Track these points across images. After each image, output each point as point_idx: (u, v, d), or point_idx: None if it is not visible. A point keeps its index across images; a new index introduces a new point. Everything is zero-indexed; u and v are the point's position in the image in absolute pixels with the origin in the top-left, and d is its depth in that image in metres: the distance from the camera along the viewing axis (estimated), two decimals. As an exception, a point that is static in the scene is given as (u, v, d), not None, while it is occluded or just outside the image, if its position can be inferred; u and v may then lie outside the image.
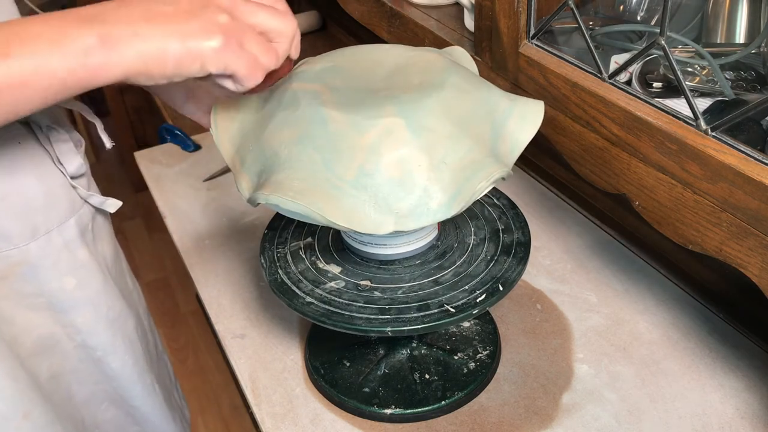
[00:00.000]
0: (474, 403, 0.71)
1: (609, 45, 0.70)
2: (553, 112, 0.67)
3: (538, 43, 0.69)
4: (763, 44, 0.62)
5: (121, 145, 2.47)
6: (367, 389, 0.71)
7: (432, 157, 0.53)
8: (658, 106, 0.57)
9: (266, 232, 0.72)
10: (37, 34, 0.45)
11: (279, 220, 0.74)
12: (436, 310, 0.60)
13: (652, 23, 0.71)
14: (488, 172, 0.54)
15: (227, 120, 0.61)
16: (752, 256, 0.52)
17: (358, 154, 0.53)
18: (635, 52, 0.60)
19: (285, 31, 0.52)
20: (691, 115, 0.54)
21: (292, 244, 0.70)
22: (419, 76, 0.58)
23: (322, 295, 0.63)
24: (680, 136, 0.54)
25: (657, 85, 0.64)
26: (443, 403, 0.69)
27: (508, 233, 0.68)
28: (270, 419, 0.70)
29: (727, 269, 0.63)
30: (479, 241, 0.68)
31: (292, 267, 0.67)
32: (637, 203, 0.61)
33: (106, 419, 0.79)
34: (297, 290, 0.64)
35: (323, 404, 0.72)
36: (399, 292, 0.63)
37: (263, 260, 0.69)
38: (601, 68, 0.62)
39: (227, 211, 1.02)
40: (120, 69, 0.46)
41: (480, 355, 0.74)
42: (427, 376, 0.71)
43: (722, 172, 0.51)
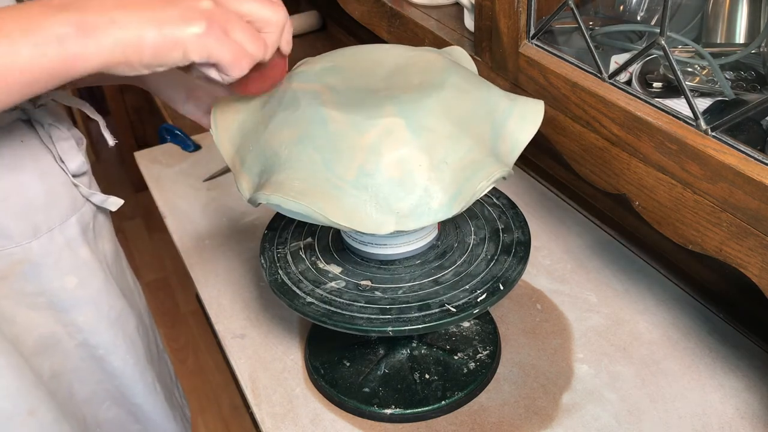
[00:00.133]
0: (474, 403, 0.71)
1: (609, 45, 0.70)
2: (553, 112, 0.67)
3: (538, 43, 0.69)
4: (763, 44, 0.62)
5: (121, 145, 2.47)
6: (367, 389, 0.71)
7: (432, 157, 0.53)
8: (658, 106, 0.57)
9: (266, 233, 0.72)
10: (7, 23, 0.43)
11: (279, 220, 0.74)
12: (436, 310, 0.60)
13: (652, 23, 0.71)
14: (489, 172, 0.54)
15: (227, 120, 0.61)
16: (752, 256, 0.52)
17: (358, 154, 0.53)
18: (635, 52, 0.60)
19: (274, 20, 0.50)
20: (691, 115, 0.54)
21: (292, 244, 0.70)
22: (419, 76, 0.58)
23: (322, 295, 0.63)
24: (680, 136, 0.54)
25: (657, 85, 0.64)
26: (443, 403, 0.69)
27: (508, 233, 0.69)
28: (270, 419, 0.70)
29: (727, 269, 0.63)
30: (479, 241, 0.68)
31: (293, 267, 0.67)
32: (637, 203, 0.61)
33: (108, 418, 0.79)
34: (297, 290, 0.64)
35: (323, 404, 0.72)
36: (399, 292, 0.63)
37: (263, 260, 0.69)
38: (601, 68, 0.62)
39: (227, 211, 1.02)
40: (97, 58, 0.45)
41: (480, 355, 0.74)
42: (427, 376, 0.71)
43: (722, 172, 0.51)
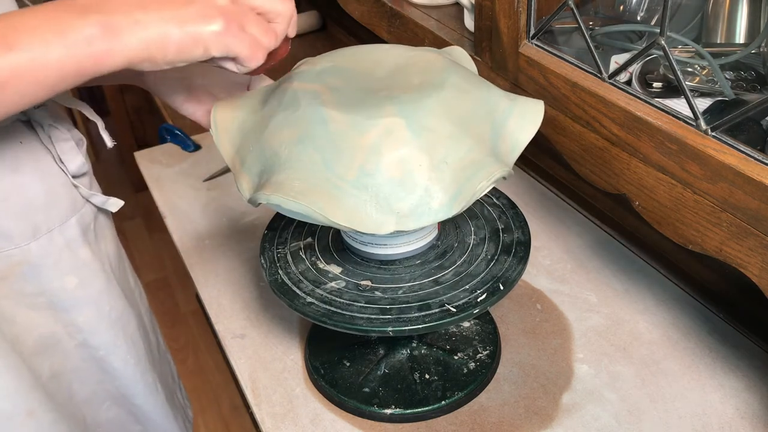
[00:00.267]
0: (474, 403, 0.71)
1: (609, 45, 0.70)
2: (553, 112, 0.67)
3: (538, 43, 0.69)
4: (763, 44, 0.62)
5: (121, 145, 2.48)
6: (367, 389, 0.71)
7: (432, 157, 0.53)
8: (658, 106, 0.57)
9: (266, 233, 0.72)
10: (39, 25, 0.45)
11: (279, 220, 0.74)
12: (437, 310, 0.60)
13: (652, 23, 0.71)
14: (489, 172, 0.54)
15: (227, 120, 0.61)
16: (752, 256, 0.52)
17: (358, 154, 0.53)
18: (635, 52, 0.60)
19: (283, 11, 0.53)
20: (691, 115, 0.54)
21: (292, 244, 0.70)
22: (419, 76, 0.58)
23: (322, 295, 0.63)
24: (680, 136, 0.54)
25: (657, 85, 0.64)
26: (443, 403, 0.69)
27: (508, 233, 0.69)
28: (270, 419, 0.70)
29: (727, 269, 0.63)
30: (479, 241, 0.68)
31: (293, 267, 0.67)
32: (637, 203, 0.61)
33: (108, 418, 0.79)
34: (297, 290, 0.64)
35: (323, 404, 0.72)
36: (400, 292, 0.63)
37: (263, 261, 0.69)
38: (601, 68, 0.62)
39: (227, 211, 1.02)
40: (123, 56, 0.47)
41: (480, 355, 0.74)
42: (427, 376, 0.71)
43: (722, 172, 0.51)
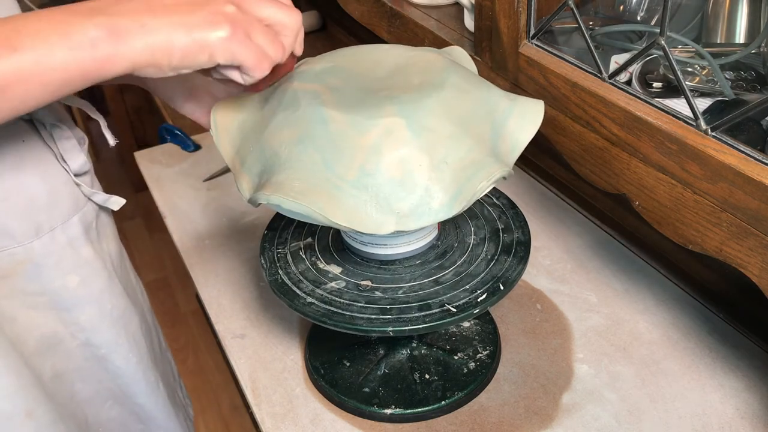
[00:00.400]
0: (474, 403, 0.71)
1: (609, 45, 0.70)
2: (553, 112, 0.67)
3: (538, 43, 0.69)
4: (763, 44, 0.62)
5: (121, 145, 2.47)
6: (367, 389, 0.71)
7: (433, 157, 0.53)
8: (658, 106, 0.57)
9: (266, 233, 0.72)
10: (43, 28, 0.45)
11: (279, 220, 0.74)
12: (437, 310, 0.60)
13: (652, 23, 0.71)
14: (489, 172, 0.54)
15: (227, 120, 0.61)
16: (752, 256, 0.52)
17: (358, 154, 0.53)
18: (635, 52, 0.60)
19: (291, 24, 0.53)
20: (691, 115, 0.54)
21: (292, 244, 0.70)
22: (419, 76, 0.58)
23: (323, 295, 0.63)
24: (680, 136, 0.54)
25: (657, 85, 0.64)
26: (443, 403, 0.69)
27: (508, 232, 0.69)
28: (270, 419, 0.70)
29: (727, 269, 0.63)
30: (479, 241, 0.68)
31: (293, 267, 0.67)
32: (637, 203, 0.61)
33: (110, 417, 0.79)
34: (298, 291, 0.64)
35: (323, 404, 0.72)
36: (400, 292, 0.63)
37: (263, 261, 0.69)
38: (601, 68, 0.62)
39: (227, 211, 1.02)
40: (128, 61, 0.47)
41: (480, 355, 0.74)
42: (427, 376, 0.71)
43: (722, 172, 0.51)
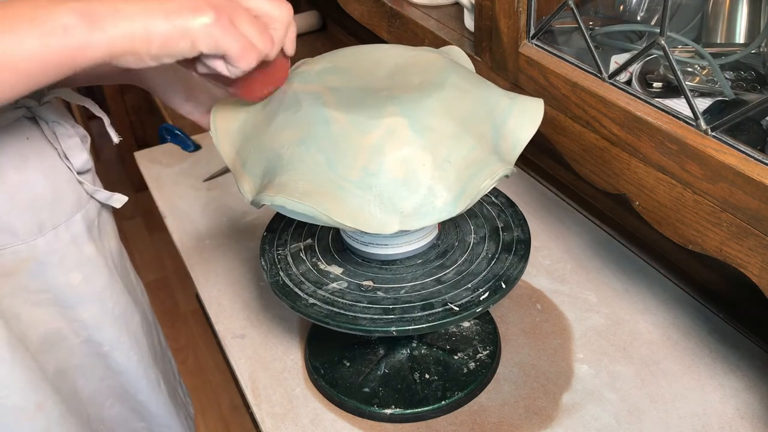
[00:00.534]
0: (474, 403, 0.71)
1: (609, 45, 0.70)
2: (553, 112, 0.67)
3: (538, 43, 0.69)
4: (763, 44, 0.62)
5: (121, 145, 2.46)
6: (367, 389, 0.71)
7: (436, 156, 0.53)
8: (658, 106, 0.57)
9: (265, 234, 0.72)
10: (12, 15, 0.43)
11: (278, 221, 0.74)
12: (440, 309, 0.60)
13: (652, 23, 0.71)
14: (492, 170, 0.55)
15: (227, 122, 0.61)
16: (752, 256, 0.52)
17: (361, 154, 0.53)
18: (635, 52, 0.60)
19: (280, 17, 0.51)
20: (691, 115, 0.54)
21: (292, 245, 0.70)
22: (419, 76, 0.58)
23: (325, 296, 0.63)
24: (680, 136, 0.54)
25: (657, 85, 0.64)
26: (443, 403, 0.69)
27: (508, 231, 0.69)
28: (270, 419, 0.70)
29: (727, 269, 0.63)
30: (479, 240, 0.68)
31: (293, 269, 0.67)
32: (637, 203, 0.61)
33: (112, 415, 0.80)
34: (299, 292, 0.64)
35: (323, 404, 0.72)
36: (402, 292, 0.63)
37: (264, 262, 0.69)
38: (601, 68, 0.62)
39: (227, 211, 1.02)
40: (103, 49, 0.45)
41: (480, 355, 0.74)
42: (427, 376, 0.71)
43: (722, 172, 0.51)
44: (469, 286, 0.62)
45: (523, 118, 0.59)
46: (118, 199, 0.73)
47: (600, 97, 0.61)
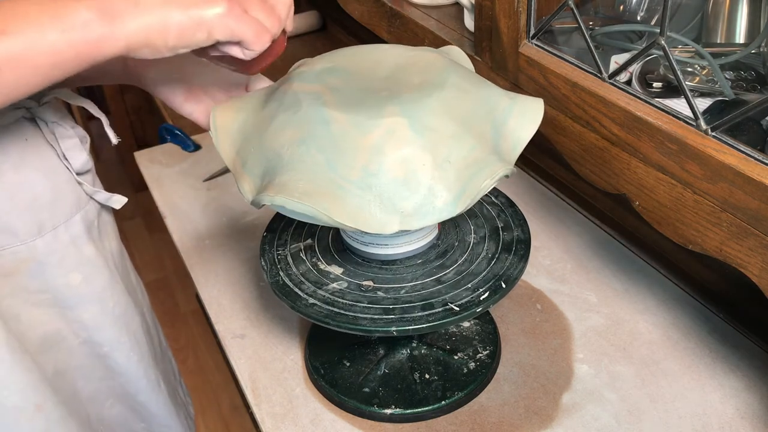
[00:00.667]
0: (474, 403, 0.71)
1: (609, 45, 0.70)
2: (553, 112, 0.67)
3: (538, 43, 0.69)
4: (763, 44, 0.62)
5: (121, 145, 2.46)
6: (367, 389, 0.71)
7: (436, 156, 0.53)
8: (658, 106, 0.57)
9: (265, 235, 0.72)
10: (34, 10, 0.44)
11: (278, 221, 0.74)
12: (440, 309, 0.60)
13: (652, 23, 0.71)
14: (492, 170, 0.55)
15: (226, 122, 0.61)
16: (752, 256, 0.52)
17: (361, 154, 0.53)
18: (635, 52, 0.60)
19: None
20: (691, 115, 0.54)
21: (292, 245, 0.70)
22: (419, 76, 0.58)
23: (325, 296, 0.63)
24: (680, 136, 0.54)
25: (657, 85, 0.64)
26: (443, 403, 0.69)
27: (508, 231, 0.69)
28: (270, 419, 0.70)
29: (727, 269, 0.63)
30: (479, 240, 0.68)
31: (293, 269, 0.67)
32: (637, 203, 0.61)
33: (112, 416, 0.80)
34: (300, 292, 0.64)
35: (323, 404, 0.72)
36: (402, 292, 0.63)
37: (263, 262, 0.69)
38: (601, 68, 0.62)
39: (227, 211, 1.02)
40: (122, 42, 0.46)
41: (480, 355, 0.74)
42: (427, 376, 0.71)
43: (722, 172, 0.51)
44: (469, 286, 0.62)
45: (523, 118, 0.59)
46: (118, 201, 0.73)
47: (600, 97, 0.61)
